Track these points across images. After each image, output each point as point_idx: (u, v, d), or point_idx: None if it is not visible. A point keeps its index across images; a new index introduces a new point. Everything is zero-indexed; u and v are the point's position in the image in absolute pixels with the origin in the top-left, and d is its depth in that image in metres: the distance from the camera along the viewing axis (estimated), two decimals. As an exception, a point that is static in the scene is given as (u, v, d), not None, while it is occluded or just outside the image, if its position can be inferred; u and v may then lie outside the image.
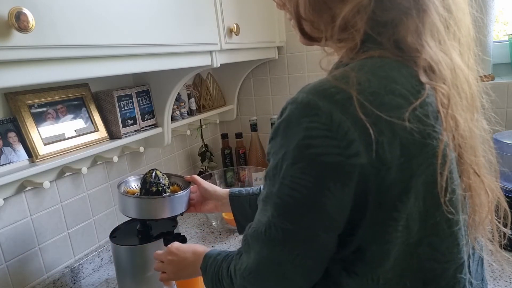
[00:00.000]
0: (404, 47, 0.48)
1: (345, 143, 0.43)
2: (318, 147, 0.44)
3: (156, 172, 0.94)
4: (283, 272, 0.50)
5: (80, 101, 1.09)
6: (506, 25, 1.50)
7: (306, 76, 1.62)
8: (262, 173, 1.51)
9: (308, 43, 0.58)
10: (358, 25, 0.49)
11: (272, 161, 0.50)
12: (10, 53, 0.62)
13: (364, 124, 0.43)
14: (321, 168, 0.44)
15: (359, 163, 0.43)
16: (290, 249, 0.49)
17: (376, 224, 0.47)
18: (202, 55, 1.14)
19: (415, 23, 0.47)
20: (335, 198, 0.45)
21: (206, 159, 1.62)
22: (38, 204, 1.03)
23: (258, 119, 1.68)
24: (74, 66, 0.76)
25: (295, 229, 0.48)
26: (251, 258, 0.53)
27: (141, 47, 0.90)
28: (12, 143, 0.92)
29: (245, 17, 1.32)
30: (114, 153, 1.22)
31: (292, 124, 0.47)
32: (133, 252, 0.95)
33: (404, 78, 0.46)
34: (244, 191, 0.91)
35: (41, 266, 1.04)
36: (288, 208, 0.48)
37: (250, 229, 0.54)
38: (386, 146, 0.43)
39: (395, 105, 0.44)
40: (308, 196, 0.46)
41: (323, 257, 0.51)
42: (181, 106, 1.44)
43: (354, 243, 0.49)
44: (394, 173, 0.44)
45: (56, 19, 0.69)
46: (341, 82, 0.45)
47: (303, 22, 0.55)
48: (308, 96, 0.46)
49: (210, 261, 0.68)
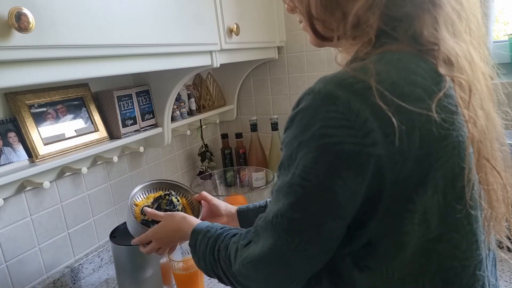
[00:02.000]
0: (421, 40, 0.48)
1: (363, 132, 0.43)
2: (335, 137, 0.44)
3: (171, 199, 0.88)
4: (285, 260, 0.50)
5: (80, 101, 1.09)
6: (506, 25, 1.50)
7: (306, 76, 1.62)
8: (262, 173, 1.51)
9: (321, 43, 0.58)
10: (370, 21, 0.48)
11: (286, 151, 0.50)
12: (10, 53, 0.62)
13: (384, 114, 0.42)
14: (334, 157, 0.44)
15: (376, 153, 0.43)
16: (295, 237, 0.48)
17: (389, 216, 0.46)
18: (202, 55, 1.14)
19: (431, 17, 0.47)
20: (347, 187, 0.45)
21: (206, 159, 1.62)
22: (38, 204, 1.03)
23: (258, 119, 1.68)
24: (74, 66, 0.76)
25: (301, 217, 0.47)
26: (259, 246, 0.53)
27: (141, 47, 0.90)
28: (12, 143, 0.92)
29: (245, 17, 1.32)
30: (114, 153, 1.22)
31: (308, 114, 0.46)
32: (133, 252, 0.95)
33: (422, 70, 0.46)
34: (251, 206, 0.90)
35: (41, 266, 1.04)
36: (297, 198, 0.47)
37: (261, 219, 0.54)
38: (405, 137, 0.43)
39: (415, 96, 0.44)
40: (318, 186, 0.45)
41: (328, 245, 0.49)
42: (181, 106, 1.44)
43: (365, 236, 0.48)
44: (411, 165, 0.43)
45: (56, 19, 0.69)
46: (360, 73, 0.45)
47: (315, 22, 0.55)
48: (326, 86, 0.45)
49: (200, 237, 0.66)
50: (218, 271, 0.62)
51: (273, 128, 1.61)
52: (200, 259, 0.66)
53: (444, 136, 0.44)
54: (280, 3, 1.57)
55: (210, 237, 0.65)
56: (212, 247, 0.63)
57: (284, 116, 1.70)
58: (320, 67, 1.58)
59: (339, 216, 0.47)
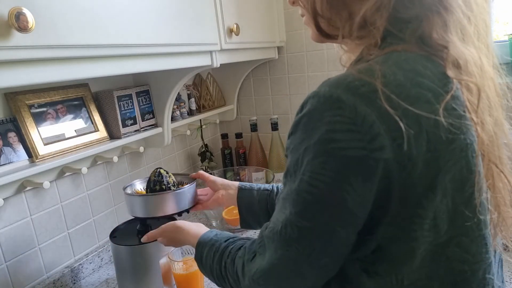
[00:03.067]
0: (429, 42, 0.47)
1: (370, 137, 0.42)
2: (341, 141, 0.43)
3: (160, 171, 0.93)
4: (297, 270, 0.49)
5: (80, 101, 1.09)
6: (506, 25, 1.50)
7: (306, 76, 1.62)
8: (262, 173, 1.51)
9: (323, 40, 0.57)
10: (377, 23, 0.48)
11: (292, 157, 0.48)
12: (10, 53, 0.62)
13: (391, 118, 0.42)
14: (342, 163, 0.43)
15: (384, 158, 0.42)
16: (306, 247, 0.47)
17: (399, 222, 0.45)
18: (202, 55, 1.14)
19: (441, 20, 0.46)
20: (356, 193, 0.44)
21: (206, 159, 1.62)
22: (38, 204, 1.03)
23: (258, 119, 1.68)
24: (74, 66, 0.76)
25: (312, 226, 0.46)
26: (265, 259, 0.51)
27: (141, 47, 0.90)
28: (12, 143, 0.92)
29: (245, 17, 1.32)
30: (114, 153, 1.22)
31: (314, 118, 0.45)
32: (133, 252, 0.95)
33: (430, 72, 0.45)
34: (255, 185, 0.88)
35: (41, 266, 1.04)
36: (306, 206, 0.46)
37: (267, 229, 0.52)
38: (413, 140, 0.42)
39: (422, 98, 0.43)
40: (327, 192, 0.44)
41: (339, 254, 0.48)
42: (181, 106, 1.44)
43: (374, 242, 0.47)
44: (420, 169, 0.43)
45: (56, 19, 0.69)
46: (365, 75, 0.44)
47: (320, 19, 0.53)
48: (331, 89, 0.44)
49: (206, 250, 0.66)
50: (227, 286, 0.62)
51: (273, 128, 1.61)
52: (208, 273, 0.66)
53: (452, 139, 0.44)
54: (280, 3, 1.57)
55: (216, 251, 0.64)
56: (219, 262, 0.62)
57: (284, 116, 1.70)
58: (320, 67, 1.58)
59: (350, 223, 0.46)
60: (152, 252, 0.95)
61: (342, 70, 0.51)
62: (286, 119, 1.70)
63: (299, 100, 1.64)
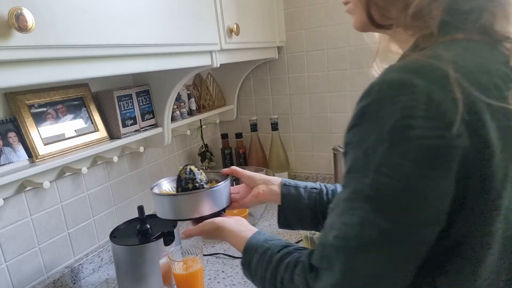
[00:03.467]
0: (491, 33, 0.46)
1: (446, 124, 0.39)
2: (418, 129, 0.39)
3: (190, 168, 0.84)
4: (379, 281, 0.44)
5: (80, 101, 1.09)
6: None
7: (306, 76, 1.62)
8: (262, 173, 1.50)
9: (371, 29, 0.54)
10: (433, 13, 0.46)
11: (357, 151, 0.44)
12: (10, 53, 0.62)
13: (464, 104, 0.39)
14: (422, 153, 0.40)
15: (462, 145, 0.39)
16: (389, 252, 0.42)
17: (477, 215, 0.42)
18: (202, 55, 1.14)
19: (503, 10, 0.46)
20: (438, 187, 0.40)
21: (206, 159, 1.62)
22: (38, 204, 1.03)
23: (258, 119, 1.68)
24: (74, 66, 0.76)
25: (394, 227, 0.42)
26: (336, 273, 0.44)
27: (141, 47, 0.90)
28: (12, 143, 0.92)
29: (245, 17, 1.32)
30: (114, 153, 1.22)
31: (384, 105, 0.41)
32: (133, 252, 0.95)
33: (496, 59, 0.44)
34: (300, 183, 0.80)
35: (41, 266, 1.04)
36: (386, 202, 0.41)
37: (330, 237, 0.46)
38: (487, 128, 0.40)
39: (493, 85, 0.42)
40: (410, 186, 0.40)
41: (422, 254, 0.44)
42: (181, 106, 1.44)
43: (450, 238, 0.43)
44: (498, 157, 0.41)
45: (56, 19, 0.69)
46: (435, 60, 0.42)
47: (373, 7, 0.51)
48: (401, 74, 0.42)
49: (256, 258, 0.61)
50: None
51: (273, 128, 1.61)
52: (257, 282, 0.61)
53: None
54: (280, 3, 1.57)
55: (269, 262, 0.58)
56: (273, 276, 0.57)
57: (284, 116, 1.70)
58: (320, 67, 1.58)
59: (435, 220, 0.42)
60: (152, 252, 0.95)
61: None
62: (286, 119, 1.70)
63: (299, 100, 1.66)
